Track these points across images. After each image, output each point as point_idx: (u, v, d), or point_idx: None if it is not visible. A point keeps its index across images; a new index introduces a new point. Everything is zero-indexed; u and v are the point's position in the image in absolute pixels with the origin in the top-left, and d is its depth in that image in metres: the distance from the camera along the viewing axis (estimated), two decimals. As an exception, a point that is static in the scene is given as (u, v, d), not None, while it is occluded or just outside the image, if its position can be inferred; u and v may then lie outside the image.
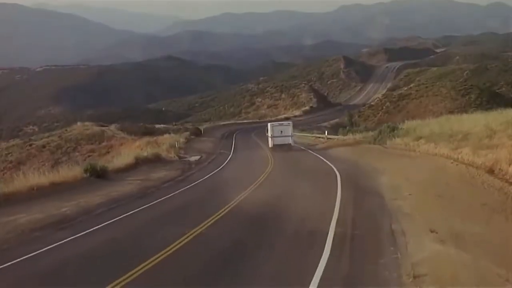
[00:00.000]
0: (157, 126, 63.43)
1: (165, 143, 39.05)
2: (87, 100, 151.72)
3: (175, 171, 25.89)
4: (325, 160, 26.54)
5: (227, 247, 9.88)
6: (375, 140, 31.28)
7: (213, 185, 20.69)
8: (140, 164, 26.87)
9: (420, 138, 25.62)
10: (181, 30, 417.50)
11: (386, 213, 11.97)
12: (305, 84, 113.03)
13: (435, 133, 24.75)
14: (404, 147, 26.00)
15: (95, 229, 12.13)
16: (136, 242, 10.89)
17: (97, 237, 11.41)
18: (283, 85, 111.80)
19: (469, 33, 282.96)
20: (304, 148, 37.06)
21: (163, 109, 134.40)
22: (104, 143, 52.23)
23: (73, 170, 21.10)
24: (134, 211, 14.46)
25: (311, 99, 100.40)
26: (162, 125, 65.26)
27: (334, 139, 40.19)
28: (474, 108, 55.91)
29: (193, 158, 33.15)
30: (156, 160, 29.58)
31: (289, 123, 39.52)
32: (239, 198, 15.37)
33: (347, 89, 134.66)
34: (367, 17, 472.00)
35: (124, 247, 10.43)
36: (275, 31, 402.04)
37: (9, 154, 54.62)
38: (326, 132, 46.00)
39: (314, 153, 32.45)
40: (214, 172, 25.74)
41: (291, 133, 37.46)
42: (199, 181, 22.17)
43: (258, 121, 79.28)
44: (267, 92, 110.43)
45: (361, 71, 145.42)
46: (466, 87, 73.71)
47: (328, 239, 9.70)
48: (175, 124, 74.01)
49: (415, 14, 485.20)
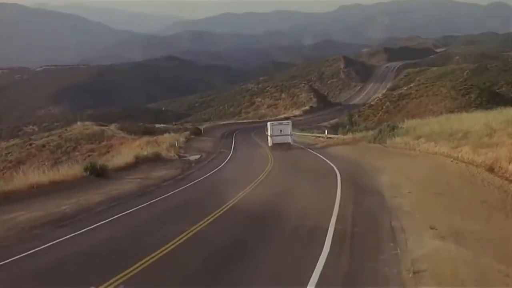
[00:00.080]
0: (157, 125, 63.46)
1: (165, 143, 39.06)
2: (87, 100, 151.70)
3: (175, 170, 25.91)
4: (325, 159, 26.52)
5: (226, 245, 9.87)
6: (375, 139, 31.23)
7: (213, 184, 20.67)
8: (140, 163, 26.87)
9: (420, 137, 25.58)
10: (181, 30, 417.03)
11: (386, 210, 11.96)
12: (305, 84, 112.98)
13: (435, 132, 24.72)
14: (404, 146, 25.98)
15: (94, 227, 12.13)
16: (135, 239, 10.90)
17: (96, 235, 11.41)
18: (283, 85, 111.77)
19: (469, 33, 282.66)
20: (304, 147, 37.09)
21: (163, 109, 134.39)
22: (104, 143, 52.17)
23: (73, 168, 21.08)
24: (134, 209, 14.45)
25: (311, 98, 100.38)
26: (162, 125, 65.27)
27: (334, 138, 40.32)
28: (474, 107, 55.79)
29: (193, 157, 33.18)
30: (156, 159, 29.59)
31: (288, 122, 39.83)
32: (239, 196, 15.35)
33: (347, 89, 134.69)
34: (367, 17, 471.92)
35: (123, 245, 10.44)
36: (275, 31, 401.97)
37: (9, 153, 54.53)
38: (326, 131, 46.03)
39: (314, 152, 32.45)
40: (214, 171, 25.75)
41: (291, 132, 37.77)
42: (199, 179, 22.17)
43: (258, 120, 79.24)
44: (267, 92, 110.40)
45: (361, 71, 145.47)
46: (466, 86, 73.67)
47: (328, 236, 9.70)
48: (175, 124, 74.00)
49: (415, 14, 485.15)
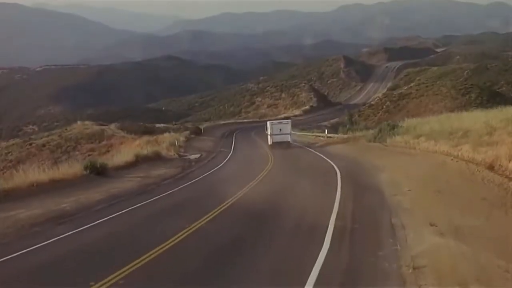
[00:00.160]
0: (157, 125, 63.41)
1: (165, 142, 39.04)
2: (87, 99, 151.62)
3: (175, 168, 25.89)
4: (325, 157, 26.55)
5: (226, 242, 9.86)
6: (375, 138, 31.21)
7: (213, 182, 20.67)
8: (140, 162, 26.84)
9: (420, 136, 25.58)
10: (181, 29, 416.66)
11: (385, 208, 11.97)
12: (305, 83, 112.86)
13: (435, 131, 24.71)
14: (404, 145, 25.98)
15: (94, 224, 12.13)
16: (135, 237, 10.92)
17: (96, 232, 11.41)
18: (283, 85, 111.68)
19: (469, 32, 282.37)
20: (304, 146, 37.13)
21: (163, 109, 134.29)
22: (104, 142, 52.11)
23: (73, 167, 21.07)
24: (134, 207, 14.46)
25: (311, 98, 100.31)
26: (162, 125, 65.23)
27: (334, 137, 40.46)
28: (474, 107, 55.71)
29: (193, 156, 33.18)
30: (156, 158, 29.57)
31: (288, 122, 40.21)
32: (239, 194, 15.36)
33: (347, 88, 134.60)
34: (367, 16, 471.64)
35: (123, 242, 10.45)
36: (275, 30, 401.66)
37: (9, 153, 54.48)
38: (326, 131, 46.10)
39: (314, 151, 32.50)
40: (214, 169, 25.76)
41: (290, 131, 38.08)
42: (199, 178, 22.18)
43: (258, 120, 79.18)
44: (267, 91, 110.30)
45: (361, 70, 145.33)
46: (466, 86, 73.62)
47: (327, 232, 9.71)
48: (175, 123, 73.91)
49: (415, 13, 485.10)
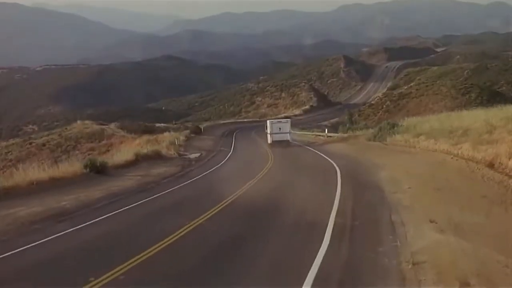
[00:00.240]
0: (157, 125, 63.42)
1: (165, 141, 39.05)
2: (87, 99, 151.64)
3: (175, 167, 25.89)
4: (325, 156, 26.57)
5: (225, 239, 9.86)
6: (375, 137, 31.26)
7: (213, 180, 20.66)
8: (140, 160, 26.83)
9: (420, 134, 25.60)
10: (181, 29, 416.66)
11: (385, 205, 11.98)
12: (305, 83, 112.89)
13: (435, 130, 24.73)
14: (404, 144, 26.00)
15: (94, 221, 12.13)
16: (135, 234, 10.92)
17: (96, 229, 11.42)
18: (283, 84, 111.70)
19: (469, 32, 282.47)
20: (303, 145, 37.19)
21: (163, 109, 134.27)
22: (104, 142, 52.12)
23: (73, 165, 21.04)
24: (133, 205, 14.45)
25: (311, 98, 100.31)
26: (162, 124, 65.24)
27: (334, 136, 40.65)
28: (474, 106, 55.67)
29: (193, 155, 33.18)
30: (156, 157, 29.55)
31: (287, 121, 40.86)
32: (239, 192, 15.37)
33: (347, 88, 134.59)
34: (367, 16, 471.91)
35: (123, 239, 10.47)
36: (275, 30, 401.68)
37: (8, 152, 54.46)
38: (326, 130, 46.25)
39: (314, 150, 32.52)
40: (214, 168, 25.77)
41: (289, 130, 38.68)
42: (199, 176, 22.18)
43: (258, 120, 79.16)
44: (267, 91, 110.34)
45: (361, 70, 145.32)
46: (466, 86, 73.59)
47: (327, 229, 9.72)
48: (175, 123, 73.96)
49: (415, 13, 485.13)
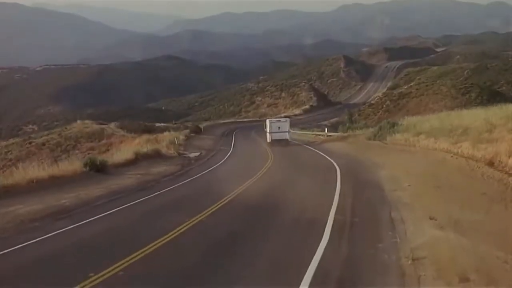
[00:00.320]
0: (157, 124, 63.44)
1: (165, 140, 39.05)
2: (87, 99, 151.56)
3: (175, 166, 25.90)
4: (325, 155, 26.62)
5: (225, 235, 9.86)
6: (375, 136, 31.26)
7: (213, 179, 20.67)
8: (140, 159, 26.83)
9: (420, 133, 25.57)
10: (181, 29, 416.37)
11: (385, 203, 12.00)
12: (305, 83, 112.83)
13: (435, 128, 24.70)
14: (404, 143, 25.96)
15: (94, 219, 12.13)
16: (135, 231, 10.93)
17: (96, 226, 11.42)
18: (283, 84, 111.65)
19: (469, 32, 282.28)
20: (304, 144, 37.26)
21: (163, 108, 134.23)
22: (103, 141, 52.12)
23: (72, 164, 21.04)
24: (133, 203, 14.45)
25: (311, 98, 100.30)
26: (162, 124, 65.27)
27: (333, 135, 40.82)
28: (474, 106, 55.64)
29: (193, 154, 33.19)
30: (156, 156, 29.58)
31: (286, 120, 41.44)
32: (239, 190, 15.39)
33: (347, 88, 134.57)
34: (367, 16, 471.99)
35: (122, 235, 10.48)
36: (275, 30, 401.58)
37: (8, 152, 54.43)
38: (326, 129, 46.36)
39: (313, 149, 32.57)
40: (214, 167, 25.77)
41: (288, 129, 39.10)
42: (199, 175, 22.18)
43: (258, 119, 79.15)
44: (267, 91, 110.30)
45: (361, 70, 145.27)
46: (466, 85, 73.54)
47: (327, 226, 9.72)
48: (175, 123, 73.97)
49: (415, 13, 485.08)
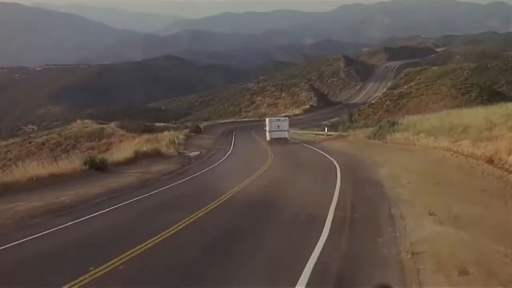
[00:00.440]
0: (157, 124, 63.43)
1: (165, 140, 39.06)
2: (87, 99, 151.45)
3: (174, 164, 25.89)
4: (325, 154, 26.65)
5: (224, 231, 9.83)
6: (375, 135, 31.29)
7: (213, 177, 20.70)
8: (139, 158, 26.79)
9: (420, 132, 25.57)
10: (181, 29, 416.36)
11: (385, 199, 12.00)
12: (305, 83, 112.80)
13: (435, 127, 24.69)
14: (404, 142, 25.96)
15: (94, 215, 12.12)
16: (134, 227, 10.93)
17: (96, 223, 11.42)
18: (283, 84, 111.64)
19: (469, 32, 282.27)
20: (303, 143, 37.30)
21: (163, 108, 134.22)
22: (103, 141, 52.07)
23: (72, 162, 21.03)
24: (133, 200, 14.45)
25: (311, 97, 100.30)
26: (162, 124, 65.28)
27: (333, 135, 40.97)
28: (474, 106, 55.62)
29: (193, 153, 33.17)
30: (155, 155, 29.55)
31: (285, 119, 42.19)
32: (239, 188, 15.40)
33: (347, 88, 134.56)
34: (367, 16, 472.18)
35: (122, 232, 10.48)
36: (275, 30, 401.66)
37: (8, 151, 54.32)
38: (326, 129, 46.42)
39: (313, 148, 32.60)
40: (214, 165, 25.79)
41: (287, 128, 39.96)
42: (199, 173, 22.18)
43: (258, 119, 79.13)
44: (267, 91, 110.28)
45: (361, 70, 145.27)
46: (466, 85, 73.47)
47: (326, 222, 9.72)
48: (175, 123, 73.95)
49: (415, 13, 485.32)
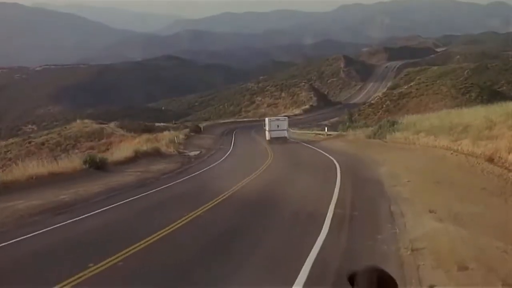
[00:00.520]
0: (157, 124, 63.44)
1: (165, 139, 39.06)
2: (87, 99, 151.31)
3: (174, 164, 25.91)
4: (325, 153, 26.62)
5: (222, 231, 9.80)
6: (375, 134, 31.28)
7: (212, 176, 20.70)
8: (139, 157, 26.79)
9: (420, 131, 25.56)
10: (181, 29, 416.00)
11: (385, 197, 11.99)
12: (305, 83, 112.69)
13: (435, 127, 24.69)
14: (404, 141, 25.94)
15: (93, 213, 12.15)
16: (134, 224, 10.95)
17: (95, 221, 11.42)
18: (283, 84, 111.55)
19: (469, 32, 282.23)
20: (303, 143, 37.31)
21: (163, 108, 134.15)
22: (103, 140, 52.03)
23: (72, 161, 21.06)
24: (132, 199, 14.48)
25: (311, 97, 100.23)
26: (161, 124, 65.30)
27: (333, 134, 41.06)
28: (474, 105, 55.68)
29: (193, 153, 33.16)
30: (155, 154, 29.54)
31: (285, 118, 42.56)
32: (239, 186, 15.41)
33: (347, 88, 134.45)
34: (367, 16, 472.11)
35: (121, 229, 10.49)
36: (275, 30, 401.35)
37: (8, 151, 54.28)
38: (326, 128, 46.43)
39: (313, 147, 32.59)
40: (213, 164, 25.79)
41: (287, 128, 40.44)
42: (199, 172, 22.21)
43: (258, 119, 79.10)
44: (267, 91, 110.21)
45: (361, 70, 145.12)
46: (466, 85, 73.38)
47: (326, 219, 9.72)
48: (175, 123, 73.95)
49: (415, 13, 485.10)
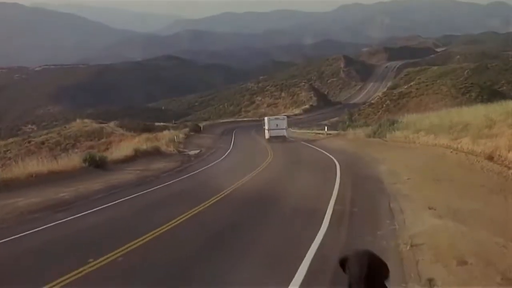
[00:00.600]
0: (157, 124, 63.46)
1: (165, 138, 39.07)
2: (87, 99, 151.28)
3: (174, 162, 25.91)
4: (325, 152, 26.64)
5: (223, 227, 9.77)
6: (375, 133, 31.32)
7: (212, 174, 20.72)
8: (139, 156, 26.81)
9: (420, 130, 25.59)
10: (181, 29, 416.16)
11: (385, 194, 12.00)
12: (305, 83, 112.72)
13: (435, 125, 24.72)
14: (404, 140, 25.98)
15: (93, 211, 12.15)
16: (133, 221, 10.96)
17: (95, 218, 11.43)
18: (283, 84, 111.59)
19: (469, 32, 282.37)
20: (303, 142, 37.36)
21: (163, 108, 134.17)
22: (103, 140, 52.00)
23: (72, 160, 21.07)
24: (132, 196, 14.49)
25: (311, 97, 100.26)
26: (161, 123, 65.32)
27: (332, 134, 41.21)
28: (474, 105, 55.73)
29: (193, 151, 33.15)
30: (155, 153, 29.54)
31: (284, 118, 43.06)
32: (239, 184, 15.46)
33: (347, 88, 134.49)
34: (367, 16, 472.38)
35: (121, 226, 10.52)
36: (275, 30, 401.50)
37: (7, 151, 54.28)
38: (326, 128, 46.48)
39: (313, 146, 32.64)
40: (213, 163, 25.82)
41: (286, 127, 41.12)
42: (199, 170, 22.22)
43: (258, 119, 79.12)
44: (267, 91, 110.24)
45: (361, 70, 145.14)
46: (466, 85, 73.40)
47: (326, 215, 9.73)
48: (175, 122, 73.97)
49: (415, 13, 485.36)
